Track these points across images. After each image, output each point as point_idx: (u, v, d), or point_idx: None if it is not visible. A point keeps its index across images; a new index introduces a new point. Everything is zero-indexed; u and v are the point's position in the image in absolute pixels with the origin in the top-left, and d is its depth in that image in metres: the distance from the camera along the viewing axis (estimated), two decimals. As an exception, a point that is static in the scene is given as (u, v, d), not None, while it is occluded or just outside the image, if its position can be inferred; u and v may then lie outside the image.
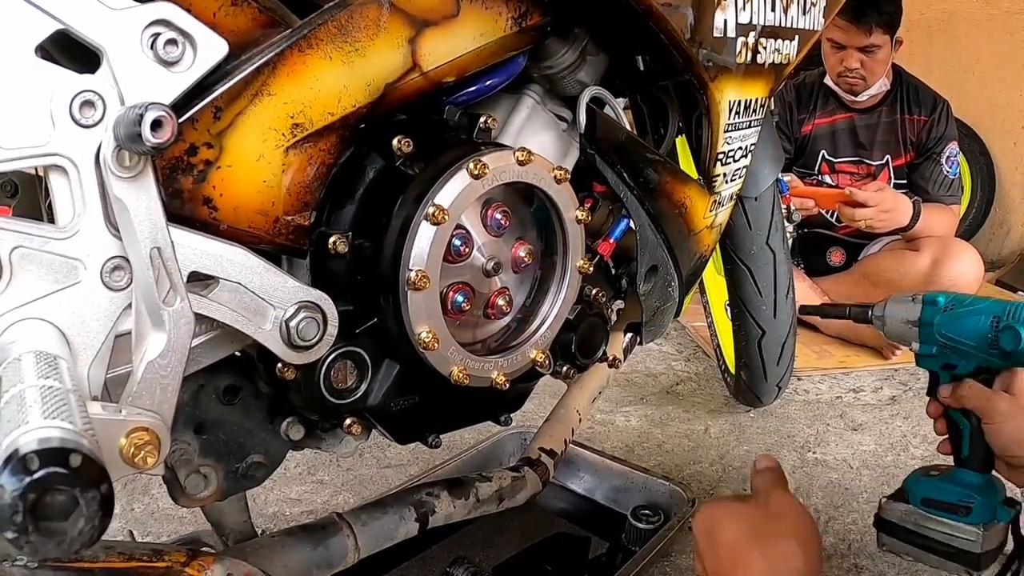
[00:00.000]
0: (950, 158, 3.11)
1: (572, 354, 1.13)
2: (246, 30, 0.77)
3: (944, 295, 1.27)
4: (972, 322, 1.20)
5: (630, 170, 1.12)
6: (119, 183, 0.66)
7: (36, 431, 0.47)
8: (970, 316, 1.21)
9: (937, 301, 1.25)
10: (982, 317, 1.19)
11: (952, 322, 1.23)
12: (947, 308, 1.24)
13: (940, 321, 1.24)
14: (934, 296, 1.27)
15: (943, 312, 1.24)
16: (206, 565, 0.87)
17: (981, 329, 1.19)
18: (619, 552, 1.61)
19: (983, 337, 1.19)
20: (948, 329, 1.23)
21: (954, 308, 1.24)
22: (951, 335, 1.23)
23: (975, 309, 1.21)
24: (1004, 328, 1.16)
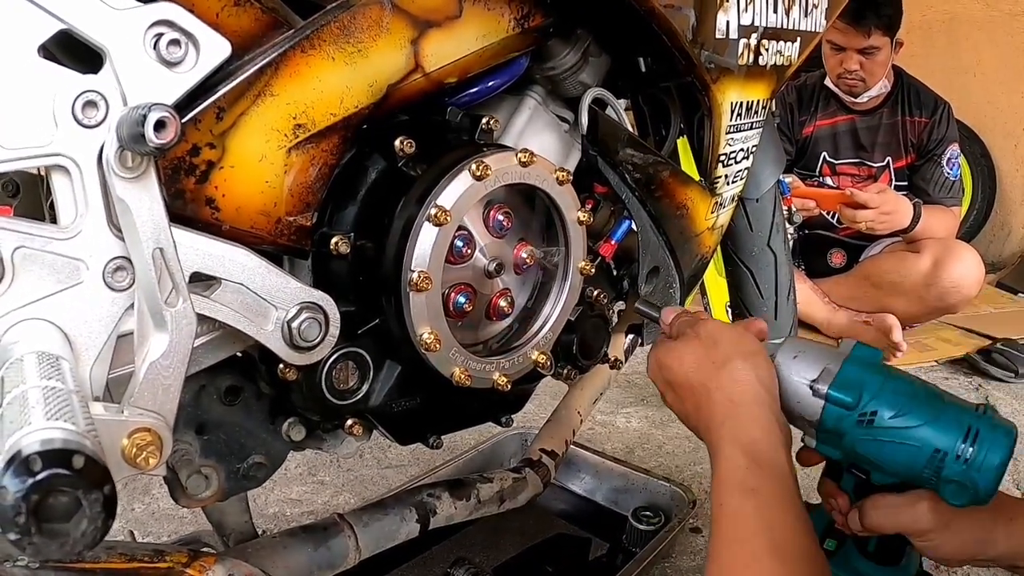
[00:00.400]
0: (951, 160, 3.11)
1: (573, 355, 1.14)
2: (249, 30, 0.77)
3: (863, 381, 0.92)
4: (902, 453, 0.89)
5: (632, 171, 1.12)
6: (121, 183, 0.66)
7: (39, 432, 0.47)
8: (900, 446, 0.89)
9: (848, 401, 0.91)
10: (918, 448, 0.88)
11: (871, 444, 0.91)
12: (865, 419, 0.90)
13: (854, 436, 0.92)
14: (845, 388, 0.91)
15: (859, 424, 0.91)
16: (207, 565, 0.87)
17: (915, 464, 0.89)
18: (620, 553, 1.61)
19: (916, 472, 0.90)
20: (865, 449, 0.92)
21: (874, 420, 0.89)
22: (869, 456, 0.93)
23: (907, 434, 0.88)
24: (948, 481, 0.87)
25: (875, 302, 3.05)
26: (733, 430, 0.88)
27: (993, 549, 0.96)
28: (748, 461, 0.85)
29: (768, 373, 0.94)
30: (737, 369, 0.92)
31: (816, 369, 0.94)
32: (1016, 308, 3.61)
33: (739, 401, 0.90)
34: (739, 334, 0.98)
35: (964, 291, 2.93)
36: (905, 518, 0.96)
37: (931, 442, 0.87)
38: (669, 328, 1.05)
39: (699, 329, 0.99)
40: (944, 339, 3.09)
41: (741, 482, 0.84)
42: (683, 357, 0.97)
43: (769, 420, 0.89)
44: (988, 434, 0.86)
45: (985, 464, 0.85)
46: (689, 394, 0.95)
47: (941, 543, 0.96)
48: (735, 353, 0.94)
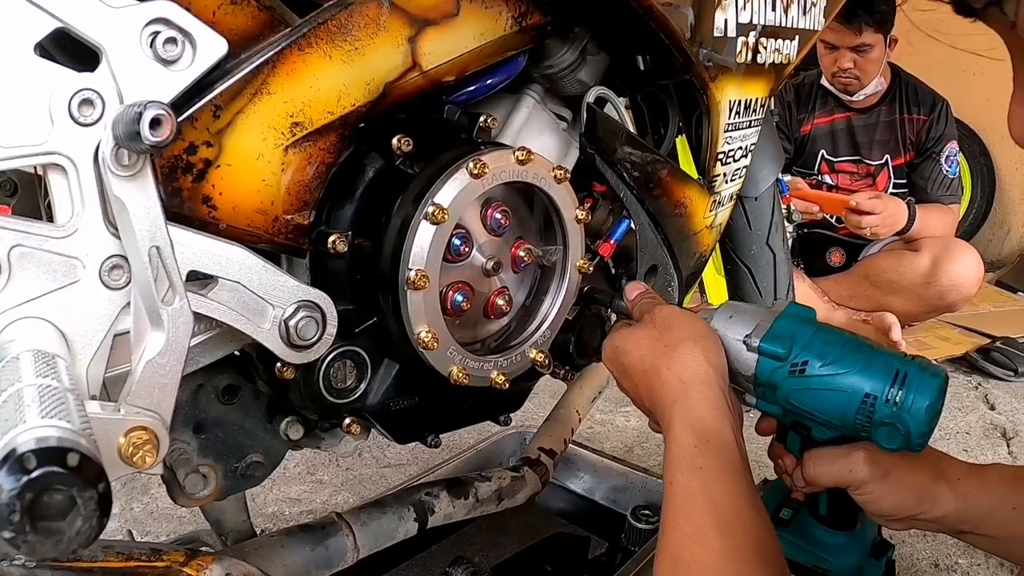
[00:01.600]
0: (949, 157, 3.11)
1: (570, 354, 1.13)
2: (245, 29, 0.77)
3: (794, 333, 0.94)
4: (834, 400, 0.90)
5: (630, 169, 1.12)
6: (118, 182, 0.66)
7: (33, 430, 0.47)
8: (831, 392, 0.90)
9: (780, 352, 0.93)
10: (851, 393, 0.89)
11: (804, 394, 0.92)
12: (796, 369, 0.92)
13: (787, 388, 0.93)
14: (777, 341, 0.94)
15: (791, 375, 0.92)
16: (205, 565, 0.87)
17: (847, 410, 0.90)
18: (618, 552, 1.61)
19: (849, 420, 0.91)
20: (799, 400, 0.93)
21: (805, 370, 0.91)
22: (803, 408, 0.94)
23: (839, 379, 0.90)
24: (879, 424, 0.88)
25: (874, 301, 3.05)
26: (683, 410, 0.90)
27: (936, 508, 0.96)
28: (696, 439, 0.87)
29: (717, 355, 0.95)
30: (687, 351, 0.94)
31: (750, 326, 0.97)
32: (1015, 307, 3.61)
33: (689, 382, 0.92)
34: (691, 319, 1.00)
35: (963, 290, 2.93)
36: (842, 467, 0.97)
37: (861, 387, 0.89)
38: (632, 306, 1.07)
39: (655, 314, 1.01)
40: (943, 338, 3.09)
41: (689, 460, 0.86)
42: (638, 341, 0.99)
43: (718, 399, 0.91)
44: (916, 376, 0.87)
45: (915, 406, 0.86)
46: (642, 377, 0.97)
47: (881, 495, 0.96)
48: (686, 336, 0.96)
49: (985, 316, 3.37)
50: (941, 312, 3.07)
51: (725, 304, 1.02)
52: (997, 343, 2.87)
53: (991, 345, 2.86)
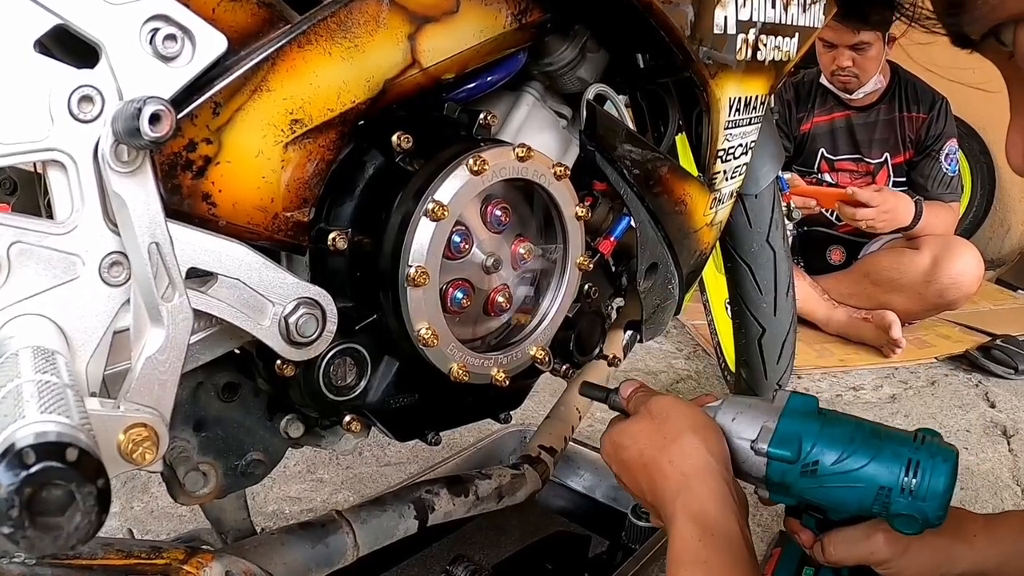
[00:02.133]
0: (949, 155, 3.12)
1: (570, 351, 1.13)
2: (245, 25, 0.77)
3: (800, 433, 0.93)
4: (850, 495, 0.91)
5: (630, 167, 1.12)
6: (117, 178, 0.66)
7: (32, 425, 0.47)
8: (845, 488, 0.91)
9: (788, 456, 0.92)
10: (864, 488, 0.90)
11: (819, 491, 0.93)
12: (808, 469, 0.92)
13: (800, 487, 0.93)
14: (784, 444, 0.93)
15: (803, 475, 0.92)
16: (204, 562, 0.87)
17: (863, 503, 0.91)
18: (619, 550, 1.61)
19: (866, 510, 0.92)
20: (814, 496, 0.94)
21: (817, 469, 0.91)
22: (819, 502, 0.95)
23: (850, 476, 0.90)
24: (896, 515, 0.89)
25: (874, 299, 3.06)
26: (686, 503, 0.90)
27: (955, 568, 0.98)
28: (700, 532, 0.87)
29: (718, 444, 0.95)
30: (688, 443, 0.94)
31: (755, 428, 0.96)
32: (1016, 305, 3.61)
33: (691, 474, 0.92)
34: (689, 409, 0.99)
35: (963, 288, 2.93)
36: (863, 550, 0.97)
37: (875, 480, 0.89)
38: (626, 403, 1.07)
39: (650, 406, 1.01)
40: (943, 336, 3.10)
41: (693, 555, 0.86)
42: (636, 435, 0.99)
43: (721, 490, 0.90)
44: (928, 463, 0.88)
45: (930, 492, 0.87)
46: (643, 471, 0.97)
47: (902, 568, 0.97)
48: (685, 427, 0.96)
49: (985, 314, 3.37)
50: (941, 310, 3.07)
51: (727, 401, 1.01)
52: (997, 341, 2.87)
53: (991, 343, 2.86)
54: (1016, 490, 2.06)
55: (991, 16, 0.56)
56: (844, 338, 3.08)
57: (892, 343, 2.85)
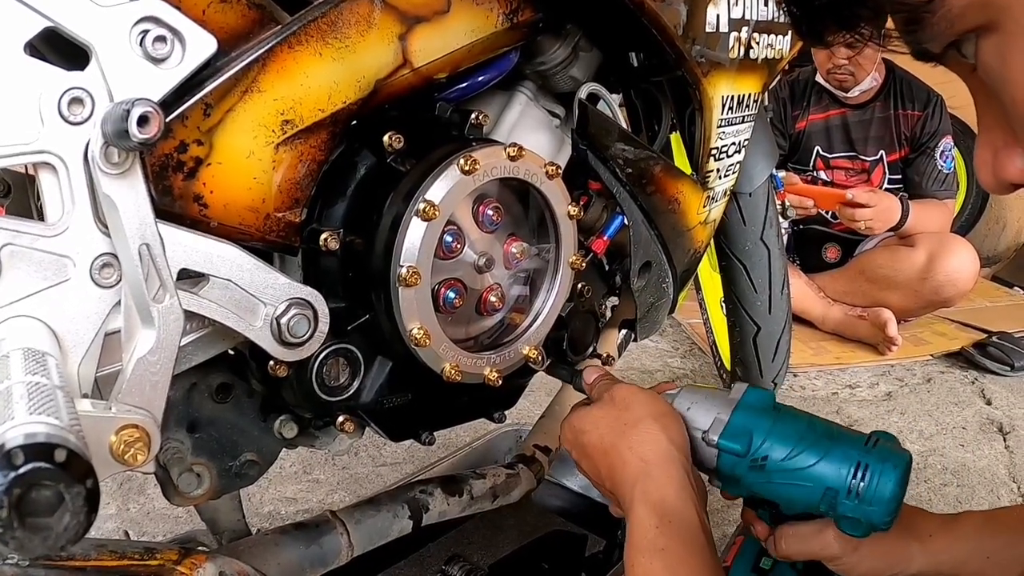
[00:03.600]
0: (944, 152, 3.12)
1: (563, 350, 1.14)
2: (235, 27, 0.77)
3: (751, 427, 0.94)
4: (797, 492, 0.91)
5: (622, 166, 1.12)
6: (107, 180, 0.66)
7: (21, 426, 0.47)
8: (793, 486, 0.91)
9: (738, 449, 0.93)
10: (810, 488, 0.90)
11: (767, 486, 0.93)
12: (756, 464, 0.93)
13: (749, 480, 0.94)
14: (734, 438, 0.94)
15: (751, 469, 0.93)
16: (198, 563, 0.87)
17: (810, 501, 0.91)
18: (615, 549, 1.61)
19: (813, 509, 0.92)
20: (762, 491, 0.95)
21: (765, 464, 0.92)
22: (767, 497, 0.96)
23: (798, 475, 0.90)
24: (843, 517, 0.89)
25: (870, 296, 3.06)
26: (645, 490, 0.90)
27: (910, 567, 0.98)
28: (658, 520, 0.87)
29: (678, 431, 0.95)
30: (647, 429, 0.94)
31: (708, 419, 0.97)
32: (1012, 301, 3.62)
33: (651, 460, 0.92)
34: (651, 397, 1.00)
35: (959, 285, 2.94)
36: (814, 546, 0.98)
37: (822, 480, 0.89)
38: (590, 389, 1.08)
39: (613, 393, 1.01)
40: (939, 333, 3.10)
41: (651, 541, 0.86)
42: (597, 420, 0.99)
43: (680, 477, 0.91)
44: (877, 467, 0.87)
45: (876, 497, 0.87)
46: (603, 457, 0.97)
47: (853, 565, 0.98)
48: (646, 414, 0.96)
49: (981, 311, 3.38)
50: (937, 307, 3.08)
51: (684, 390, 1.02)
52: (993, 338, 2.87)
53: (987, 340, 2.87)
54: (1012, 487, 2.06)
55: (950, 30, 0.55)
56: (840, 336, 3.08)
57: (888, 340, 2.85)
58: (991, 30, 0.54)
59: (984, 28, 0.54)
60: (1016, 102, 0.55)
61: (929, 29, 0.56)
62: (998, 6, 0.52)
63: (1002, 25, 0.53)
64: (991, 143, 0.61)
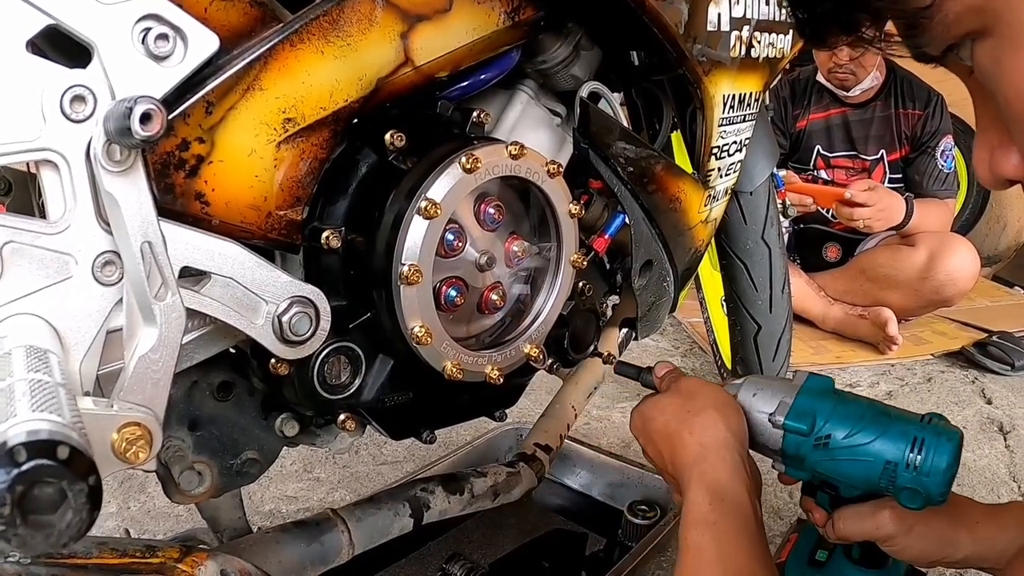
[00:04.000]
0: (945, 152, 3.12)
1: (565, 349, 1.14)
2: (237, 25, 0.77)
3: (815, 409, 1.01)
4: (858, 468, 0.98)
5: (624, 164, 1.12)
6: (109, 177, 0.66)
7: (24, 424, 0.47)
8: (854, 462, 0.98)
9: (803, 428, 1.00)
10: (874, 461, 0.96)
11: (830, 464, 1.00)
12: (820, 442, 0.99)
13: (813, 459, 1.01)
14: (799, 418, 1.01)
15: (815, 447, 1.00)
16: (199, 561, 0.87)
17: (870, 477, 0.97)
18: (616, 548, 1.61)
19: (873, 484, 0.98)
20: (825, 469, 1.01)
21: (828, 443, 0.99)
22: (829, 475, 1.02)
23: (862, 449, 0.97)
24: (902, 488, 0.95)
25: (870, 296, 3.06)
26: (701, 471, 0.97)
27: (958, 552, 1.04)
28: (712, 498, 0.93)
29: (738, 421, 1.03)
30: (709, 417, 1.02)
31: (773, 403, 1.04)
32: (1012, 301, 3.62)
33: (709, 446, 0.99)
34: (714, 388, 1.09)
35: (959, 284, 2.93)
36: (870, 525, 1.05)
37: (882, 455, 0.96)
38: (659, 382, 1.17)
39: (680, 385, 1.11)
40: (940, 332, 3.10)
41: (703, 517, 0.92)
42: (664, 409, 1.08)
43: (736, 463, 0.97)
44: (933, 441, 0.95)
45: (933, 469, 0.94)
46: (665, 441, 1.04)
47: (906, 546, 1.04)
48: (709, 404, 1.04)
49: (982, 311, 3.37)
50: (938, 307, 3.07)
51: (749, 379, 1.09)
52: (994, 337, 2.87)
53: (988, 339, 2.86)
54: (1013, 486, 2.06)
55: (947, 34, 0.58)
56: (840, 335, 3.08)
57: (888, 340, 2.85)
58: (985, 35, 0.57)
59: (979, 33, 0.57)
60: (1009, 102, 0.58)
61: (927, 33, 0.59)
62: (992, 12, 0.55)
63: (995, 30, 0.56)
64: (988, 142, 0.64)
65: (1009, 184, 0.65)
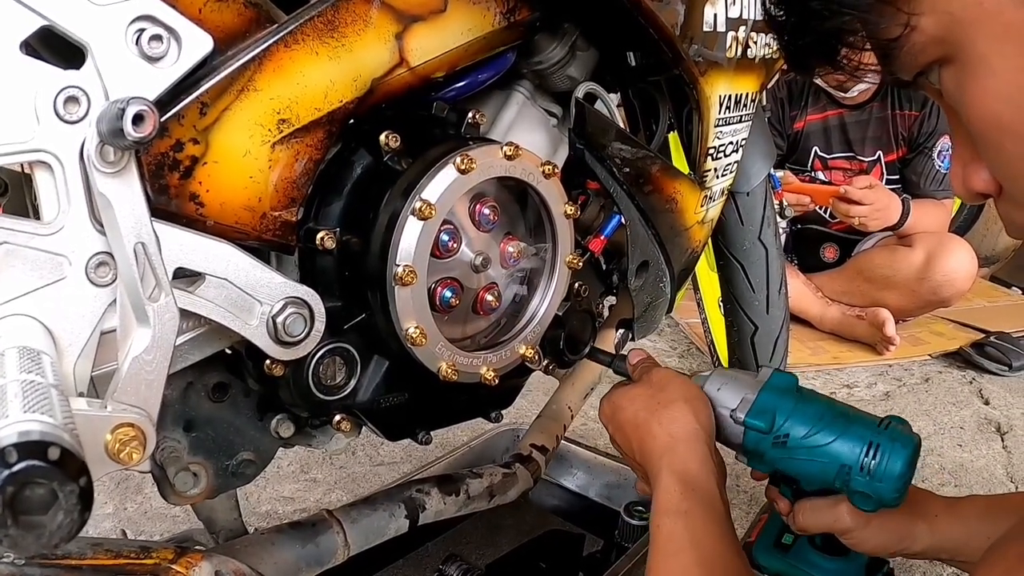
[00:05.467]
0: (942, 152, 3.12)
1: (560, 350, 1.14)
2: (232, 25, 0.77)
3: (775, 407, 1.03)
4: (814, 468, 1.01)
5: (620, 165, 1.12)
6: (103, 178, 0.66)
7: (15, 425, 0.47)
8: (810, 463, 1.01)
9: (761, 426, 1.02)
10: (828, 463, 0.99)
11: (788, 462, 1.03)
12: (779, 440, 1.02)
13: (772, 456, 1.04)
14: (759, 416, 1.03)
15: (774, 445, 1.02)
16: (194, 562, 0.87)
17: (826, 477, 1.01)
18: (613, 549, 1.61)
19: (829, 484, 1.01)
20: (783, 466, 1.05)
21: (787, 442, 1.01)
22: (788, 472, 1.06)
23: (817, 451, 1.00)
24: (856, 492, 0.99)
25: (868, 296, 3.06)
26: (671, 461, 1.00)
27: (916, 544, 1.09)
28: (682, 488, 0.96)
29: (706, 414, 1.06)
30: (678, 410, 1.05)
31: (736, 399, 1.07)
32: (1010, 301, 3.62)
33: (678, 437, 1.02)
34: (684, 381, 1.11)
35: (957, 284, 2.93)
36: (828, 518, 1.09)
37: (838, 458, 0.99)
38: (632, 370, 1.19)
39: (652, 376, 1.13)
40: (937, 333, 3.10)
41: (675, 505, 0.95)
42: (634, 398, 1.10)
43: (704, 454, 1.01)
44: (888, 447, 0.97)
45: (886, 474, 0.96)
46: (634, 431, 1.07)
47: (864, 539, 1.08)
48: (679, 396, 1.06)
49: (979, 311, 3.38)
50: (935, 307, 3.07)
51: (715, 372, 1.12)
52: (991, 338, 2.87)
53: (985, 340, 2.87)
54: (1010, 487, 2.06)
55: (915, 62, 0.65)
56: (838, 336, 3.08)
57: (886, 340, 2.85)
58: (949, 62, 0.63)
59: (944, 60, 0.63)
60: (972, 122, 0.64)
61: (897, 61, 0.66)
62: (953, 42, 0.61)
63: (957, 58, 0.62)
64: (961, 157, 0.70)
65: (982, 198, 0.72)
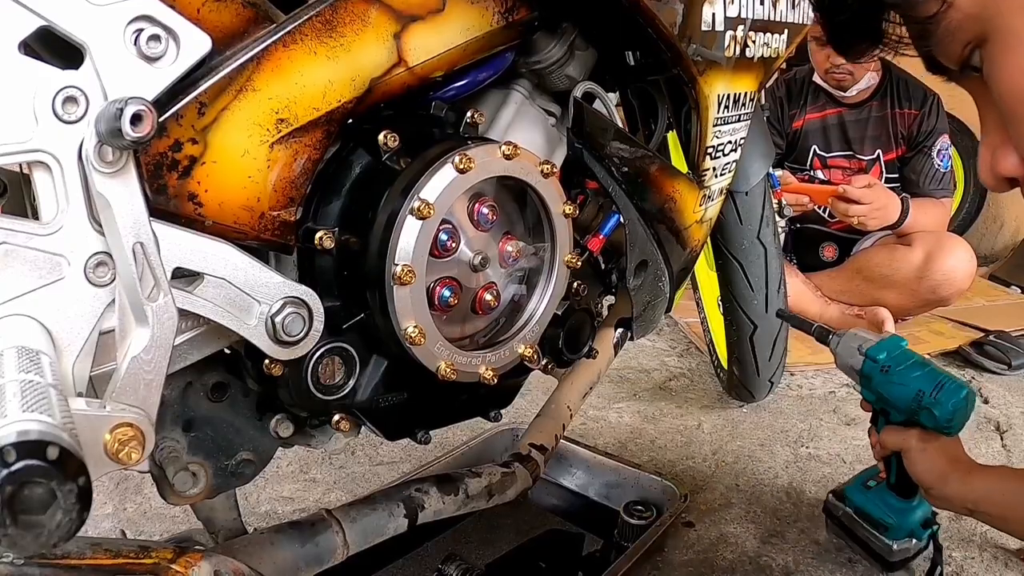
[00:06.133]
0: (941, 151, 3.12)
1: (559, 349, 1.14)
2: (230, 25, 0.77)
3: (887, 350, 1.45)
4: (901, 390, 1.41)
5: (618, 165, 1.12)
6: (101, 178, 0.66)
7: (14, 424, 0.47)
8: (899, 385, 1.42)
9: (877, 358, 1.45)
10: (910, 387, 1.40)
11: (885, 384, 1.44)
12: (884, 368, 1.44)
13: (877, 379, 1.45)
14: (876, 352, 1.45)
15: (881, 371, 1.44)
16: (193, 562, 0.87)
17: (907, 399, 1.40)
18: (612, 548, 1.61)
19: (908, 406, 1.41)
20: (882, 388, 1.45)
21: (889, 370, 1.43)
22: (883, 394, 1.45)
23: (906, 378, 1.41)
24: (923, 408, 1.38)
25: (867, 295, 3.06)
26: None
27: (947, 487, 1.36)
28: None
29: None
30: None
31: (863, 341, 1.49)
32: (1009, 301, 3.62)
33: None
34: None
35: (956, 284, 2.93)
36: (899, 437, 1.44)
37: (917, 386, 1.39)
38: None
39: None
40: (936, 332, 3.10)
41: None
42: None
43: None
44: (950, 386, 1.37)
45: (943, 402, 1.36)
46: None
47: (917, 461, 1.40)
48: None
49: (978, 310, 3.37)
50: (934, 306, 3.07)
51: (852, 331, 1.53)
52: (990, 337, 2.87)
53: (985, 339, 2.86)
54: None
55: (954, 42, 0.65)
56: (837, 335, 3.08)
57: (885, 339, 2.85)
58: (986, 40, 0.63)
59: (981, 40, 0.64)
60: (1003, 99, 0.64)
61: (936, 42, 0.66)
62: (987, 19, 0.62)
63: (991, 35, 0.63)
64: (991, 143, 0.70)
65: (1010, 185, 0.71)
